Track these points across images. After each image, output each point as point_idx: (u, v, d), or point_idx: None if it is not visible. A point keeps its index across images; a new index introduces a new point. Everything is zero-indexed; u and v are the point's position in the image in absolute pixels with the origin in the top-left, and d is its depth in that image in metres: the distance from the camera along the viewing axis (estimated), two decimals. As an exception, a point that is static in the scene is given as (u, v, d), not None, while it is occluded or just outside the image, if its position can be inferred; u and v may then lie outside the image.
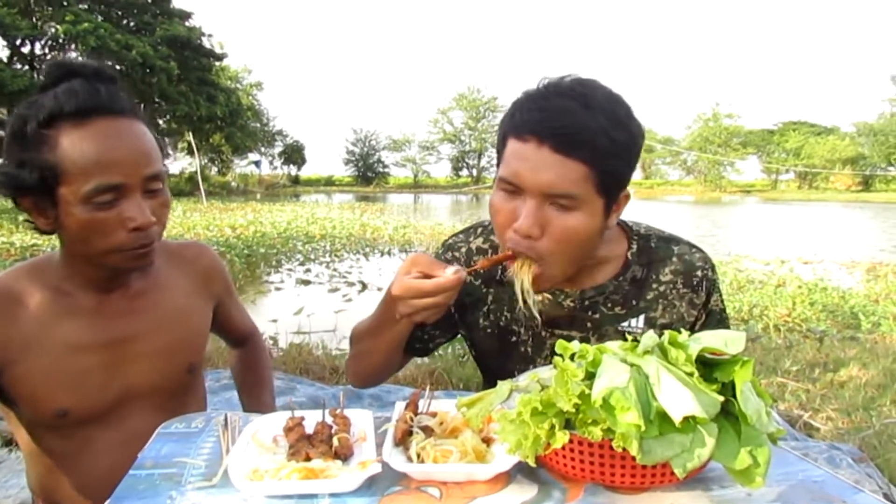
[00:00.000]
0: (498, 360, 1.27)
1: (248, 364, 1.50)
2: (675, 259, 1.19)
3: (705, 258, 1.21)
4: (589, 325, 1.19)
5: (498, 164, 1.08)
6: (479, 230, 1.30)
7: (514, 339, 1.24)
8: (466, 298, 1.26)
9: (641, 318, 1.18)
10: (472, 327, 1.27)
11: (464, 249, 1.28)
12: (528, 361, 1.23)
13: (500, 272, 1.24)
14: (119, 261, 1.05)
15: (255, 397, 1.42)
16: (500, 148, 1.06)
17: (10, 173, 0.99)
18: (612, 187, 1.03)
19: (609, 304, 1.18)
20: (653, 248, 1.20)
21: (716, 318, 1.23)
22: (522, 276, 1.07)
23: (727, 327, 1.28)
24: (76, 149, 0.96)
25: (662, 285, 1.19)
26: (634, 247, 1.20)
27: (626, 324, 1.18)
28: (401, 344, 1.22)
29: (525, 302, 1.08)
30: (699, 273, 1.19)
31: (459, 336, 1.37)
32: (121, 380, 1.13)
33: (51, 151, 0.96)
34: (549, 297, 1.19)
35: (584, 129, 0.97)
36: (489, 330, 1.26)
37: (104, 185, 0.98)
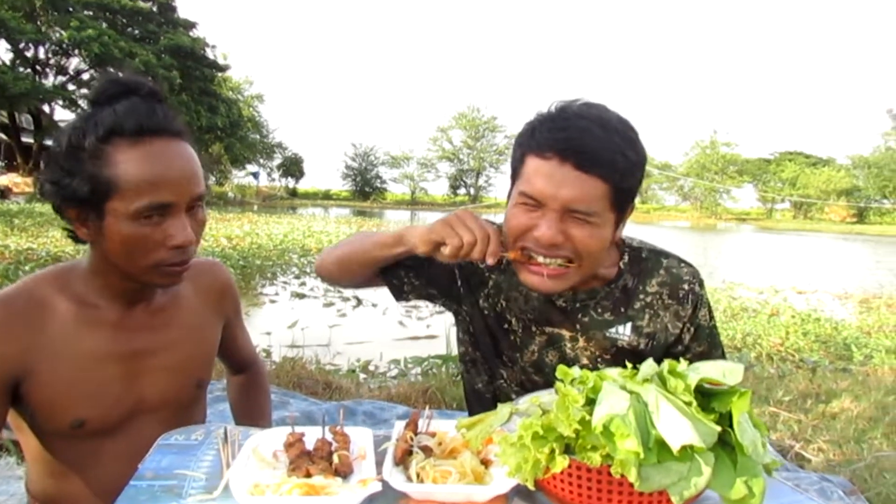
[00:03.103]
0: (490, 343, 1.33)
1: (248, 392, 1.50)
2: (662, 271, 1.26)
3: (693, 273, 1.27)
4: (578, 326, 1.26)
5: (513, 180, 1.15)
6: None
7: (506, 326, 1.31)
8: (472, 278, 1.33)
9: (629, 325, 1.24)
10: (473, 305, 1.34)
11: None
12: (514, 350, 1.30)
13: (505, 261, 1.26)
14: (156, 277, 1.06)
15: (254, 426, 1.42)
16: (518, 165, 1.13)
17: (60, 182, 1.01)
18: (624, 203, 1.12)
19: (599, 310, 1.25)
20: (644, 258, 1.27)
21: (705, 334, 1.28)
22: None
23: (718, 344, 1.32)
24: (132, 166, 0.98)
25: (649, 296, 1.25)
26: (627, 257, 1.27)
27: (613, 330, 1.25)
28: (379, 268, 1.31)
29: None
30: (685, 286, 1.25)
31: (451, 355, 1.41)
32: (135, 392, 1.13)
33: (106, 166, 0.98)
34: (544, 295, 1.25)
35: (605, 148, 1.04)
36: (486, 312, 1.32)
37: (156, 203, 1.00)
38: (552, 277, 1.11)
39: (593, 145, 1.04)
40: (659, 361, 1.25)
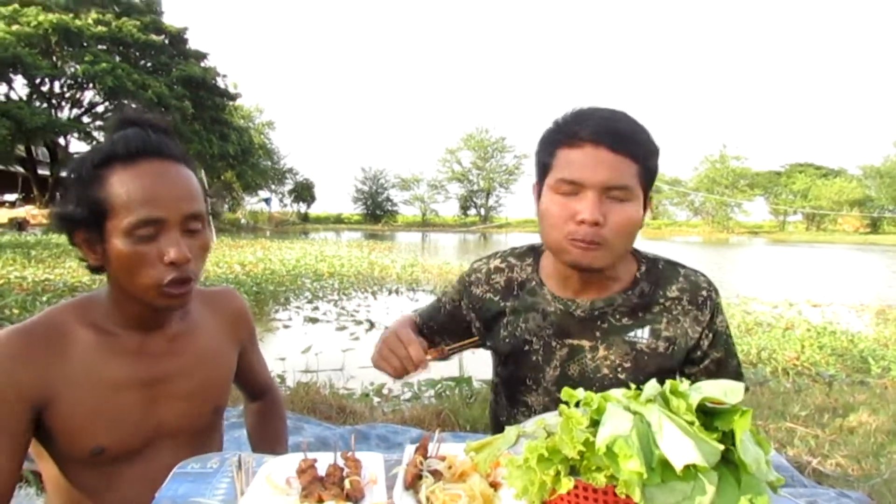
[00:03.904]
0: (513, 369, 1.40)
1: (265, 419, 1.52)
2: (681, 279, 1.31)
3: (709, 282, 1.33)
4: (598, 333, 1.30)
5: (542, 177, 1.25)
6: (498, 254, 1.48)
7: (526, 347, 1.37)
8: (486, 315, 1.42)
9: (647, 329, 1.29)
10: (494, 337, 1.42)
11: (484, 269, 1.46)
12: (538, 370, 1.35)
13: (516, 287, 1.39)
14: (156, 297, 1.09)
15: (272, 453, 1.44)
16: (548, 160, 1.23)
17: (65, 209, 1.07)
18: (649, 183, 1.22)
19: (617, 316, 1.30)
20: (660, 269, 1.34)
21: (722, 340, 1.33)
22: None
23: (733, 353, 1.35)
24: (123, 185, 1.04)
25: (668, 301, 1.30)
26: (643, 267, 1.33)
27: (632, 334, 1.29)
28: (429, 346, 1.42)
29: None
30: (704, 293, 1.30)
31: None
32: (154, 419, 1.16)
33: (101, 189, 1.04)
34: (562, 307, 1.31)
35: (632, 130, 1.18)
36: (507, 340, 1.39)
37: (145, 218, 1.04)
38: (591, 249, 1.19)
39: (622, 128, 1.17)
40: (679, 367, 1.31)
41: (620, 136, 1.16)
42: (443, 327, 1.52)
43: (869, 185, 59.26)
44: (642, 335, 1.29)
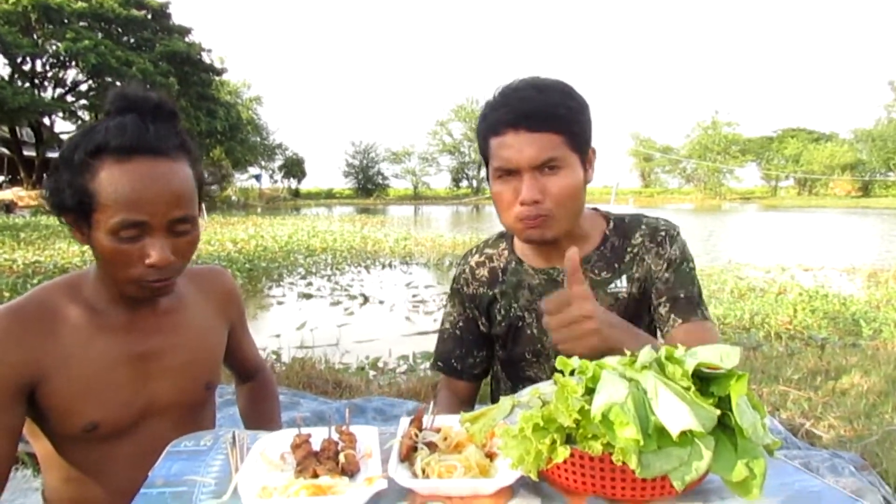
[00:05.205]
0: (511, 347, 1.45)
1: (257, 399, 1.51)
2: (643, 227, 1.40)
3: (669, 222, 1.41)
4: None
5: (487, 165, 1.32)
6: (474, 251, 1.53)
7: (520, 323, 1.42)
8: (480, 307, 1.47)
9: (624, 278, 1.37)
10: (492, 323, 1.47)
11: (467, 269, 1.50)
12: (535, 342, 1.41)
13: (500, 273, 1.44)
14: (136, 291, 1.09)
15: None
16: (485, 149, 1.30)
17: (55, 190, 1.06)
18: (580, 144, 1.26)
19: (596, 271, 1.37)
20: (626, 223, 1.41)
21: (676, 265, 1.35)
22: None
23: (692, 281, 1.36)
24: (112, 183, 1.01)
25: (635, 247, 1.39)
26: (612, 224, 1.41)
27: (612, 286, 1.36)
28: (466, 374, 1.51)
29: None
30: (663, 232, 1.38)
31: None
32: (145, 395, 1.16)
33: (91, 180, 1.02)
34: (544, 277, 1.38)
35: (544, 106, 1.22)
36: (503, 323, 1.44)
37: (129, 221, 1.02)
38: (539, 226, 1.26)
39: (533, 108, 1.21)
40: (648, 304, 1.35)
41: (536, 116, 1.21)
42: (467, 349, 1.51)
43: (860, 148, 59.30)
44: (621, 284, 1.36)
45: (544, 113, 1.22)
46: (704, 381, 0.79)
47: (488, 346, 1.51)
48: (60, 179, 1.05)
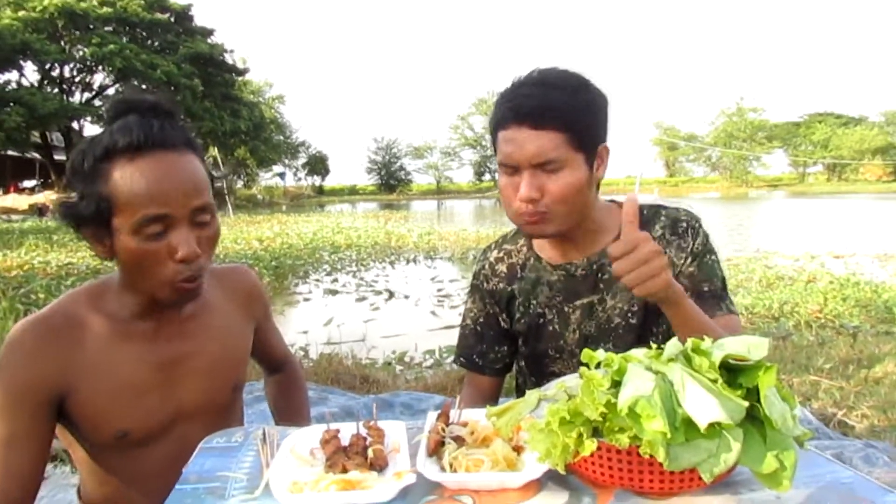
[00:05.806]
0: (533, 344, 1.44)
1: (285, 390, 1.52)
2: (663, 218, 1.37)
3: (689, 213, 1.38)
4: (601, 285, 1.36)
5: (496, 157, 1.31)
6: (493, 246, 1.53)
7: (541, 320, 1.41)
8: (501, 301, 1.47)
9: None
10: (512, 320, 1.47)
11: (487, 264, 1.50)
12: (558, 338, 1.40)
13: (518, 269, 1.44)
14: (168, 294, 1.08)
15: (294, 424, 1.44)
16: (494, 141, 1.30)
17: (70, 204, 1.05)
18: (587, 143, 1.24)
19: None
20: (644, 214, 1.37)
21: (700, 259, 1.33)
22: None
23: (717, 274, 1.35)
24: (127, 181, 1.00)
25: (655, 240, 1.31)
26: None
27: None
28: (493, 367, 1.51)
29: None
30: (684, 223, 1.35)
31: None
32: (174, 400, 1.16)
33: (105, 184, 1.01)
34: (563, 272, 1.38)
35: (547, 104, 1.20)
36: (523, 320, 1.43)
37: (151, 215, 1.01)
38: (537, 223, 1.25)
39: (535, 106, 1.20)
40: None
41: (540, 112, 1.20)
42: (489, 345, 1.51)
43: (891, 131, 57.95)
44: None
45: (550, 109, 1.20)
46: (732, 372, 0.79)
47: (510, 342, 1.50)
48: (72, 193, 1.04)
